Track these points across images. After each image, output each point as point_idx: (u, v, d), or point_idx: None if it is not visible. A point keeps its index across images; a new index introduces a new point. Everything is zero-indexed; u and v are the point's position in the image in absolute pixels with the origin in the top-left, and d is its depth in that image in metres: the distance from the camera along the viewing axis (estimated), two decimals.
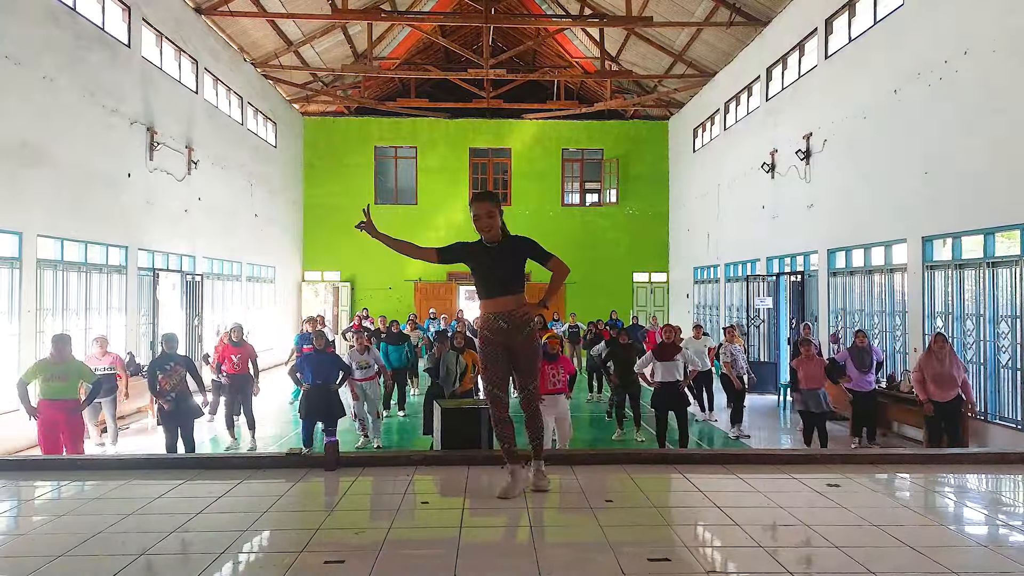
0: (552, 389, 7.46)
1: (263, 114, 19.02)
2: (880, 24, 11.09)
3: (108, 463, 4.88)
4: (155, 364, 7.71)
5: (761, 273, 15.58)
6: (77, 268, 10.92)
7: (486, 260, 4.20)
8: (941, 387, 7.86)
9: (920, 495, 4.25)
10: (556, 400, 7.48)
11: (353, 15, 15.77)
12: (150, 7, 12.81)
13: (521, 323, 4.13)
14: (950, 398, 7.87)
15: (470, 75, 18.85)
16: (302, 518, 3.69)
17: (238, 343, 9.47)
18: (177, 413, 7.60)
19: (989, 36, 8.73)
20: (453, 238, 20.27)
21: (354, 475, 4.45)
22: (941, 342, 7.97)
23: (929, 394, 7.93)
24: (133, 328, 12.14)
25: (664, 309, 22.76)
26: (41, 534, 3.47)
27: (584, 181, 23.34)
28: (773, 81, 15.18)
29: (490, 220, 4.11)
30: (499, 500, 3.88)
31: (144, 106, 12.70)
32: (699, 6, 15.49)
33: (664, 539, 3.39)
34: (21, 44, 9.52)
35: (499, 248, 4.17)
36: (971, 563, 3.04)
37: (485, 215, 4.10)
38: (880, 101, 10.99)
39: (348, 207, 21.91)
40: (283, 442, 9.84)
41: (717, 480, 4.34)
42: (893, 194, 10.60)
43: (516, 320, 4.13)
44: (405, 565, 3.01)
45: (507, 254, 4.17)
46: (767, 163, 15.07)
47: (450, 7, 19.46)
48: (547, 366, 7.48)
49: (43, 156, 9.98)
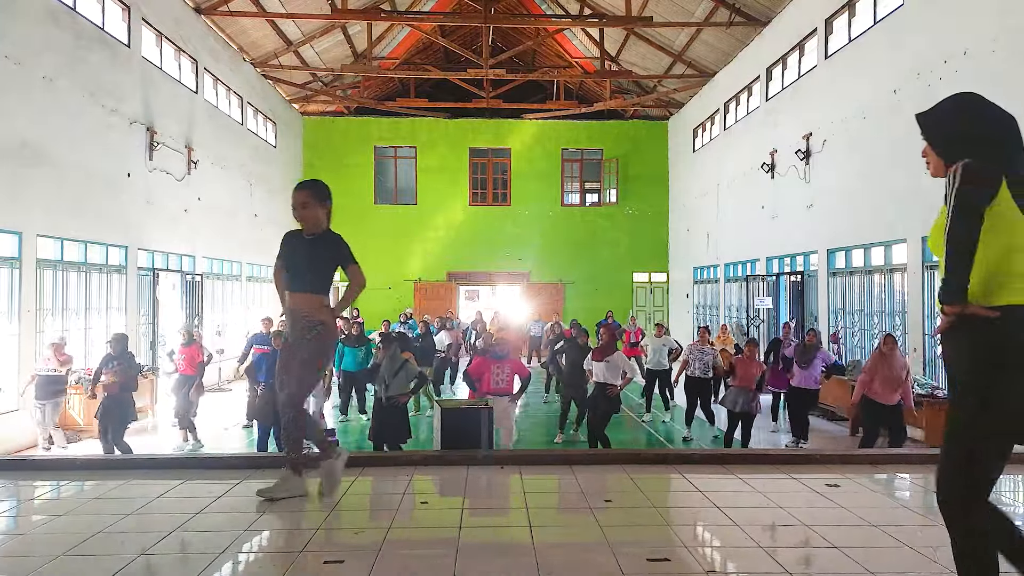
0: (495, 389, 7.32)
1: (263, 114, 19.02)
2: (880, 24, 11.09)
3: (108, 463, 4.88)
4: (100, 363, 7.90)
5: (761, 273, 15.59)
6: (77, 268, 10.92)
7: (291, 251, 3.98)
8: (887, 389, 7.61)
9: (920, 495, 4.25)
10: (498, 401, 7.15)
11: (353, 15, 15.77)
12: (150, 7, 12.81)
13: (303, 324, 3.84)
14: (894, 401, 7.64)
15: (470, 75, 18.86)
16: (302, 518, 3.69)
17: (186, 343, 9.71)
18: (104, 415, 7.61)
19: (989, 36, 8.74)
20: (453, 238, 20.28)
21: (354, 475, 4.45)
22: (891, 344, 7.74)
23: (874, 395, 7.63)
24: (133, 328, 12.13)
25: (664, 309, 22.77)
26: (41, 534, 3.46)
27: (584, 181, 23.34)
28: (773, 81, 15.18)
29: (303, 211, 3.92)
30: (499, 500, 3.88)
31: (144, 106, 12.70)
32: (699, 6, 15.48)
33: (663, 539, 3.39)
34: (21, 44, 9.52)
35: (310, 242, 3.94)
36: None
37: (299, 206, 3.93)
38: (880, 101, 10.99)
39: (348, 207, 21.90)
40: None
41: (716, 480, 4.34)
42: (893, 194, 10.59)
43: (297, 319, 3.87)
44: (405, 565, 3.01)
45: (311, 250, 3.91)
46: (767, 163, 15.07)
47: (450, 7, 19.46)
48: (493, 365, 7.38)
49: (43, 156, 9.98)
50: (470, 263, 22.53)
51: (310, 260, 3.88)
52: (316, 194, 3.98)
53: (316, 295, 3.88)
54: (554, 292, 22.53)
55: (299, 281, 3.89)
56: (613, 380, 8.08)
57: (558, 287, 22.60)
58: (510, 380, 7.46)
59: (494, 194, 23.03)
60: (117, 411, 7.61)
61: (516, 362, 7.66)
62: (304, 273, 3.89)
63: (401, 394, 7.20)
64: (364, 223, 21.94)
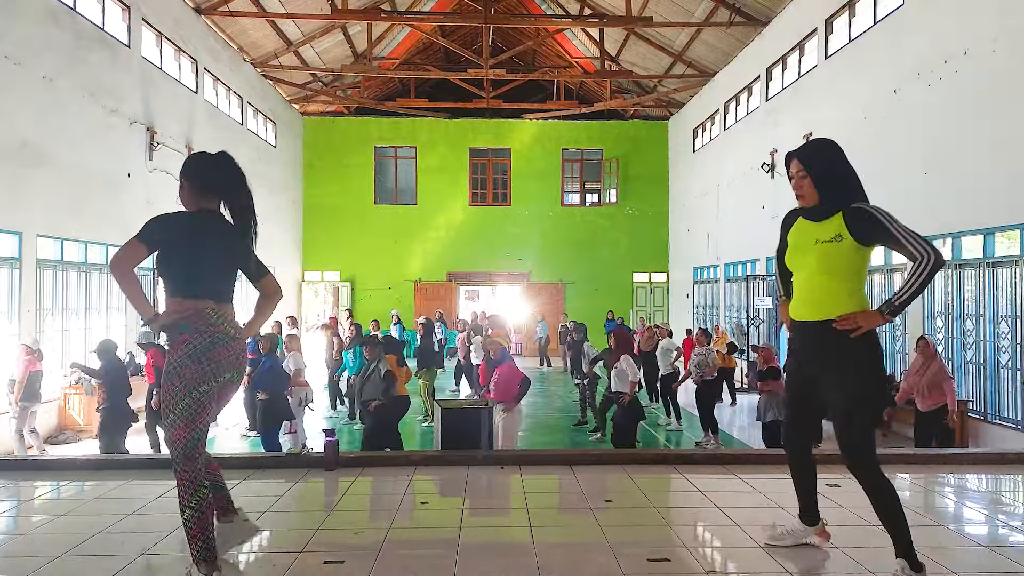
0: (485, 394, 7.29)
1: (263, 114, 19.02)
2: (880, 24, 11.09)
3: (108, 463, 4.88)
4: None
5: (761, 273, 15.58)
6: (77, 268, 10.92)
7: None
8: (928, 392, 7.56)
9: (920, 495, 4.25)
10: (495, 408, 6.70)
11: (353, 15, 15.77)
12: (150, 7, 12.81)
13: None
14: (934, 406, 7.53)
15: (470, 75, 18.85)
16: (302, 518, 3.69)
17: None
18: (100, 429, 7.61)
19: (989, 36, 8.73)
20: (453, 238, 20.27)
21: (354, 475, 4.45)
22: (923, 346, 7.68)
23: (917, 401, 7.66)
24: (133, 328, 12.12)
25: (664, 309, 22.76)
26: (41, 534, 3.47)
27: (584, 181, 23.34)
28: (773, 81, 15.18)
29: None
30: (499, 500, 3.88)
31: (144, 106, 12.70)
32: (699, 6, 15.48)
33: (664, 539, 3.39)
34: (21, 44, 9.52)
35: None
36: (971, 563, 3.04)
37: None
38: (880, 101, 10.99)
39: (348, 207, 22.01)
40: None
41: (717, 480, 4.34)
42: (893, 194, 10.57)
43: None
44: (405, 565, 3.01)
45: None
46: (767, 163, 15.06)
47: (450, 7, 19.46)
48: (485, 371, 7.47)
49: (43, 156, 9.98)
50: (470, 263, 22.52)
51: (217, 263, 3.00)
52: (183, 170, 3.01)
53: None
54: (554, 292, 22.53)
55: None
56: (624, 388, 7.65)
57: (558, 287, 22.60)
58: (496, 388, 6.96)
59: (494, 194, 23.03)
60: (111, 421, 7.57)
61: (509, 367, 7.10)
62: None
63: (372, 399, 7.04)
64: (364, 223, 21.98)
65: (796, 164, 2.98)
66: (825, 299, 2.87)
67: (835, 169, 2.93)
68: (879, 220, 2.79)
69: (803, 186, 2.96)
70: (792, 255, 3.06)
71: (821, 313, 2.87)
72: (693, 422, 11.16)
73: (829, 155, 2.96)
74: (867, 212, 2.82)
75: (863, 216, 2.81)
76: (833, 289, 2.86)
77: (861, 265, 2.88)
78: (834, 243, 2.83)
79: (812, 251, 2.90)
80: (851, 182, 2.93)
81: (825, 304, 2.87)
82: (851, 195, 2.90)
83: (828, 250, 2.85)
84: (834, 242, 2.83)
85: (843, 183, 2.91)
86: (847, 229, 2.82)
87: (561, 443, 9.87)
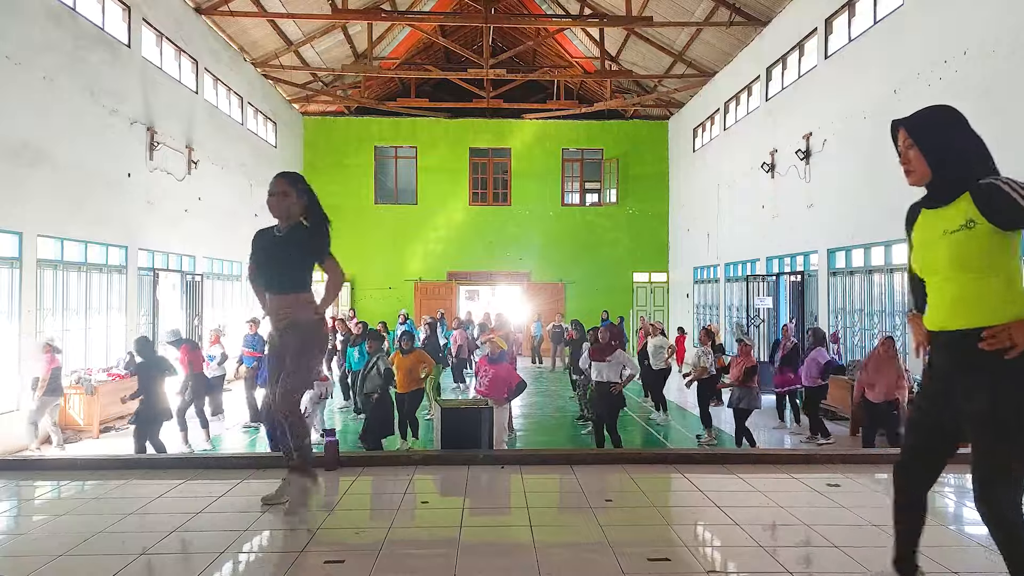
0: (478, 391, 7.52)
1: (263, 114, 19.02)
2: (880, 24, 11.09)
3: (108, 463, 4.88)
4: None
5: (761, 273, 15.58)
6: (77, 268, 10.92)
7: (262, 250, 3.75)
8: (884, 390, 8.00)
9: None
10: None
11: (353, 15, 15.77)
12: (150, 7, 12.81)
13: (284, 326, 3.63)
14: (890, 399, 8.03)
15: (470, 75, 18.85)
16: (302, 518, 3.69)
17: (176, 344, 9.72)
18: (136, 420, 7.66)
19: (989, 36, 8.73)
20: (453, 238, 20.27)
21: (354, 475, 4.45)
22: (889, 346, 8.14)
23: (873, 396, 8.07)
24: (133, 328, 12.13)
25: (664, 309, 22.76)
26: (41, 534, 3.47)
27: (584, 181, 23.34)
28: (773, 81, 15.18)
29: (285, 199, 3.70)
30: (500, 500, 3.88)
31: (144, 106, 12.70)
32: (699, 6, 15.48)
33: (664, 539, 3.39)
34: (21, 44, 9.52)
35: (282, 238, 3.69)
36: (971, 563, 3.04)
37: (280, 193, 3.70)
38: (880, 101, 10.98)
39: (348, 207, 21.95)
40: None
41: (717, 480, 4.33)
42: (893, 194, 10.55)
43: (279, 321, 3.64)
44: (405, 565, 3.01)
45: (284, 247, 3.66)
46: (767, 163, 15.06)
47: (450, 7, 19.46)
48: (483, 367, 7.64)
49: (43, 156, 9.98)
50: (470, 263, 22.52)
51: (283, 258, 3.64)
52: (293, 184, 3.73)
53: (294, 294, 3.64)
54: (554, 292, 22.53)
55: (275, 282, 3.67)
56: (614, 378, 8.09)
57: (558, 287, 22.60)
58: (490, 385, 7.40)
59: (494, 194, 23.02)
60: (145, 415, 7.67)
61: (504, 367, 7.60)
62: (279, 273, 3.66)
63: (372, 392, 7.27)
64: (364, 223, 21.95)
65: (903, 134, 2.49)
66: (967, 302, 2.26)
67: (951, 138, 2.35)
68: (1009, 196, 2.17)
69: (910, 158, 2.46)
70: (919, 255, 2.45)
71: (963, 320, 2.26)
72: (687, 417, 11.44)
73: (944, 119, 2.40)
74: (996, 187, 2.22)
75: (994, 193, 2.21)
76: (976, 290, 2.25)
77: (1009, 256, 2.24)
78: (965, 231, 2.25)
79: (941, 245, 2.31)
80: (974, 153, 2.34)
81: (967, 309, 2.26)
82: (975, 168, 2.31)
83: (960, 240, 2.25)
84: (965, 229, 2.25)
85: (962, 155, 2.35)
86: (979, 211, 2.23)
87: (561, 442, 9.88)
